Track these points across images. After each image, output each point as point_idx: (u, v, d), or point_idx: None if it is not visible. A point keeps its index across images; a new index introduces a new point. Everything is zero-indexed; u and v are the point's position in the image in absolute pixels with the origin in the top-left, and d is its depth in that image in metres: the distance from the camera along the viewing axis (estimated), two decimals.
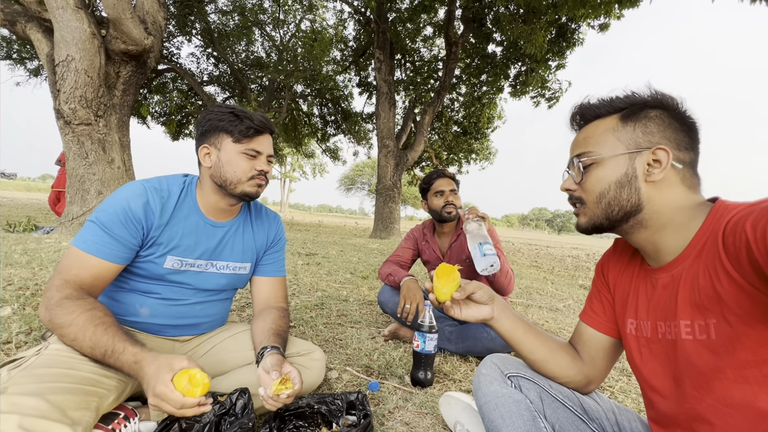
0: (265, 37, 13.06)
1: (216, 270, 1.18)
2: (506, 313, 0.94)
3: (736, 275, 0.57)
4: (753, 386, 0.58)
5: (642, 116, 0.70)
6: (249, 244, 1.25)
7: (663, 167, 0.67)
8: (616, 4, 6.52)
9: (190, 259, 1.12)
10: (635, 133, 0.70)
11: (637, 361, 0.78)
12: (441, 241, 2.04)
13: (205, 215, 1.16)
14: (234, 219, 1.23)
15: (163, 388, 0.78)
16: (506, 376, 0.91)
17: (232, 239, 1.21)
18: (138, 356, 0.85)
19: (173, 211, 1.09)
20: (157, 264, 1.07)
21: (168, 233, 1.08)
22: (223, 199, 1.15)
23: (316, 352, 1.25)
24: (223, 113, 1.09)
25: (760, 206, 0.55)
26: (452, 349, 1.77)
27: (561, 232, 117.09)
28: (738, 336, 0.58)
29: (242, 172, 1.09)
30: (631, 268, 0.82)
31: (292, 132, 15.10)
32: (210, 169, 1.11)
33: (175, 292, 1.13)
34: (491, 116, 12.55)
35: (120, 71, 5.14)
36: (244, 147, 1.09)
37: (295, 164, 45.57)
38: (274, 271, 1.32)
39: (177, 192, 1.12)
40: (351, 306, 2.57)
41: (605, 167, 0.71)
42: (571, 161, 0.78)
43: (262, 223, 1.31)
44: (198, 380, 0.82)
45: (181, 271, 1.12)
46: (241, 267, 1.24)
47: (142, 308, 1.10)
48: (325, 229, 13.64)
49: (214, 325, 1.28)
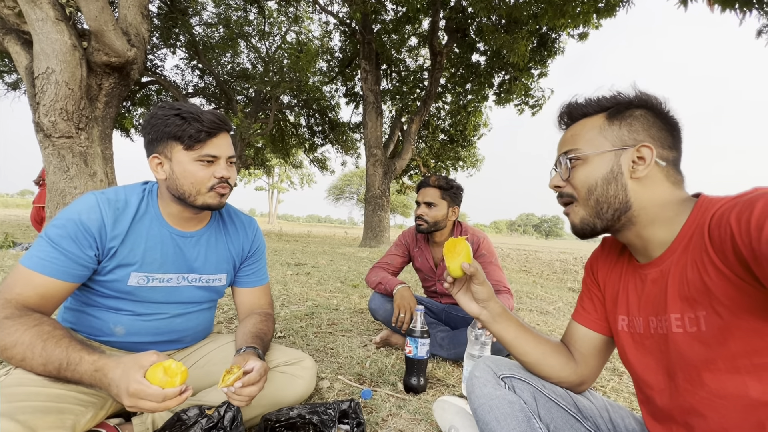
0: (251, 48, 13.08)
1: (188, 283, 1.10)
2: (497, 316, 0.93)
3: (723, 267, 0.58)
4: (744, 376, 0.58)
5: (627, 115, 0.72)
6: (223, 253, 1.16)
7: (647, 164, 0.69)
8: (594, 14, 6.72)
9: (157, 275, 1.04)
10: (621, 131, 0.72)
11: (630, 357, 0.79)
12: (434, 250, 2.01)
13: (171, 225, 1.06)
14: (205, 227, 1.14)
15: (137, 386, 0.73)
16: (500, 377, 0.91)
17: (205, 250, 1.12)
18: (98, 363, 0.78)
19: (131, 224, 1.00)
20: (120, 282, 0.99)
21: (128, 247, 0.99)
22: (185, 210, 1.06)
23: (306, 360, 1.21)
24: (168, 116, 0.96)
25: (743, 199, 0.56)
26: (444, 355, 1.75)
27: (548, 237, 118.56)
28: (728, 327, 0.58)
29: (200, 182, 0.98)
30: (619, 265, 0.83)
31: (279, 143, 15.06)
32: (166, 182, 1.01)
33: (148, 308, 1.06)
34: (477, 124, 12.74)
35: (102, 83, 5.07)
36: (197, 154, 0.97)
37: (282, 175, 45.34)
38: (256, 281, 1.26)
39: (135, 202, 1.02)
40: (342, 315, 2.54)
41: (591, 164, 0.73)
42: (558, 159, 0.79)
43: (237, 230, 1.22)
44: (174, 370, 0.78)
45: (150, 288, 1.04)
46: (216, 278, 1.16)
47: (116, 326, 1.03)
48: (314, 239, 13.54)
49: (199, 337, 1.23)
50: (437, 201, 1.85)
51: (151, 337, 1.08)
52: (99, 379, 0.78)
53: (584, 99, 0.78)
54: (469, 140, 13.20)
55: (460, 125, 12.59)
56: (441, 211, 1.86)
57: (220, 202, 1.03)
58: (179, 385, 0.77)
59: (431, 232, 1.90)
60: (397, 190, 15.11)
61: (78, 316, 1.04)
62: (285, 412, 1.04)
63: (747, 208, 0.53)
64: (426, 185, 1.90)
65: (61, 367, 0.79)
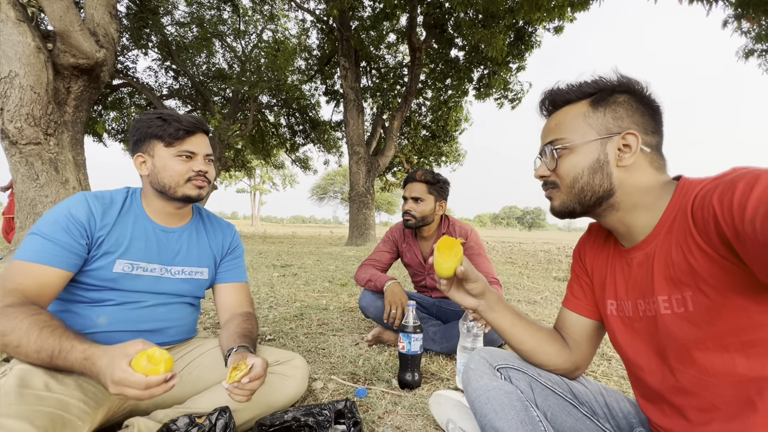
0: (227, 48, 12.80)
1: (172, 275, 1.15)
2: (494, 306, 0.93)
3: (707, 248, 0.58)
4: (732, 353, 0.59)
5: (611, 101, 0.71)
6: (205, 249, 1.24)
7: (633, 152, 0.69)
8: (569, 8, 6.84)
9: (142, 263, 1.09)
10: (605, 118, 0.71)
11: (620, 340, 0.79)
12: (423, 245, 2.00)
13: (154, 221, 1.15)
14: (187, 224, 1.22)
15: (121, 374, 0.75)
16: (495, 368, 0.90)
17: (187, 243, 1.19)
18: (87, 352, 0.81)
19: (118, 217, 1.08)
20: (105, 269, 1.03)
21: (115, 236, 1.05)
22: (167, 204, 1.14)
23: (297, 359, 1.20)
24: (151, 119, 1.08)
25: (724, 179, 0.56)
26: (437, 349, 1.75)
27: (531, 228, 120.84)
28: (715, 306, 0.59)
29: (179, 175, 1.08)
30: (606, 250, 0.84)
31: (259, 143, 14.82)
32: (148, 177, 1.10)
33: (131, 296, 1.08)
34: (458, 119, 12.82)
35: (71, 86, 4.86)
36: (176, 150, 1.08)
37: (264, 176, 44.73)
38: (234, 276, 1.29)
39: (120, 200, 1.11)
40: (331, 314, 2.51)
41: (578, 153, 0.72)
42: (543, 148, 0.78)
43: (216, 230, 1.30)
44: (158, 358, 0.77)
45: (134, 276, 1.08)
46: (198, 272, 1.21)
47: (99, 318, 1.04)
48: (300, 239, 13.41)
49: (182, 332, 1.21)
50: (424, 196, 1.84)
51: (133, 325, 1.09)
52: (88, 368, 0.80)
53: (566, 85, 0.77)
54: (451, 135, 13.28)
55: (441, 120, 12.64)
56: (428, 206, 1.85)
57: (199, 193, 1.12)
58: (164, 373, 0.77)
59: (419, 227, 1.89)
60: (381, 187, 15.10)
61: (63, 311, 1.04)
62: (279, 416, 1.02)
63: (729, 189, 0.53)
64: (412, 180, 1.88)
65: (53, 355, 0.82)
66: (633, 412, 0.86)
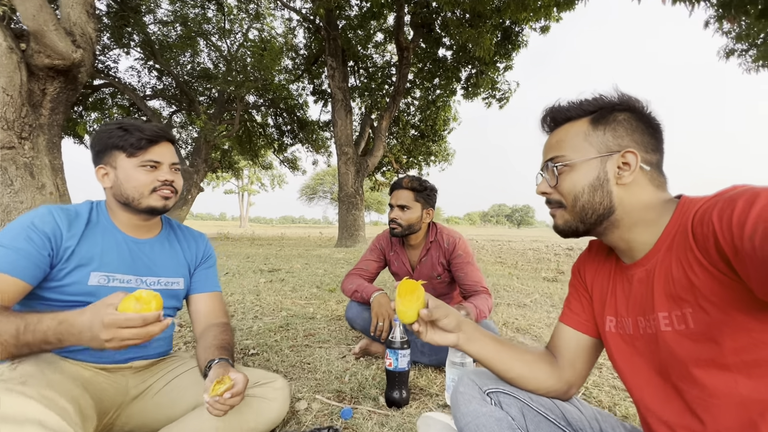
0: (212, 47, 12.56)
1: (148, 286, 1.11)
2: (474, 336, 0.89)
3: (707, 263, 0.58)
4: (734, 373, 0.59)
5: (611, 120, 0.72)
6: (179, 258, 1.21)
7: (632, 170, 0.69)
8: (555, 8, 6.86)
9: (117, 275, 1.06)
10: (605, 136, 0.72)
11: (618, 358, 0.78)
12: (410, 253, 1.95)
13: (125, 233, 1.11)
14: (158, 235, 1.19)
15: (113, 317, 0.72)
16: (485, 392, 0.88)
17: (160, 253, 1.17)
18: (60, 316, 0.78)
19: (85, 229, 1.04)
20: (80, 283, 1.00)
21: (85, 247, 1.02)
22: (133, 216, 1.11)
23: (278, 381, 1.15)
24: (112, 130, 1.05)
25: (724, 197, 0.57)
26: (426, 362, 1.70)
27: (520, 225, 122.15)
28: (716, 324, 0.59)
29: (143, 185, 1.04)
30: (606, 266, 0.83)
31: (247, 144, 14.59)
32: (112, 189, 1.07)
33: None
34: (447, 118, 12.83)
35: (46, 88, 4.68)
36: (140, 160, 1.04)
37: (252, 177, 44.27)
38: (208, 286, 1.26)
39: (85, 212, 1.07)
40: (318, 324, 2.45)
41: (578, 171, 0.73)
42: (545, 164, 0.79)
43: (188, 239, 1.28)
44: (146, 297, 0.75)
45: (111, 288, 1.03)
46: (174, 282, 1.18)
47: None
48: (289, 241, 13.27)
49: (163, 345, 1.17)
50: (411, 203, 1.79)
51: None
52: (66, 331, 0.77)
53: (567, 103, 0.78)
54: (440, 135, 13.28)
55: (430, 120, 12.63)
56: (415, 214, 1.80)
57: (165, 204, 1.08)
58: (156, 310, 0.74)
59: (406, 235, 1.84)
60: (371, 187, 15.03)
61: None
62: None
63: (728, 206, 0.54)
64: (399, 187, 1.83)
65: (18, 332, 0.77)
66: None
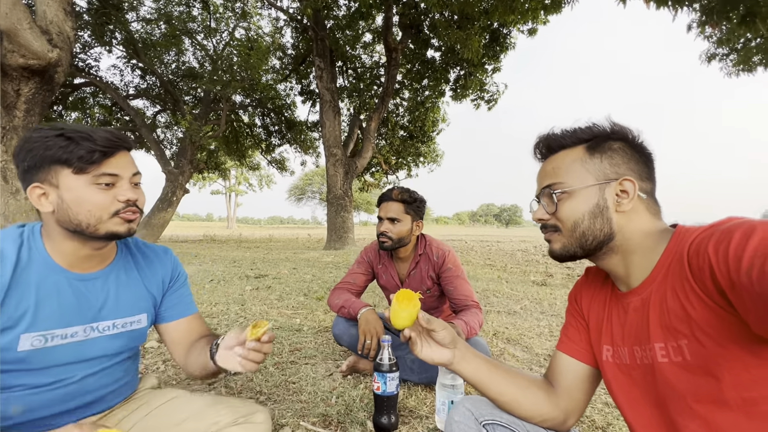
0: (197, 46, 12.31)
1: (99, 333, 0.92)
2: (467, 356, 0.87)
3: (703, 295, 0.58)
4: (735, 412, 0.56)
5: (606, 148, 0.73)
6: (138, 291, 1.00)
7: (630, 197, 0.70)
8: (542, 10, 6.89)
9: (57, 330, 0.85)
10: (602, 164, 0.72)
11: (616, 389, 0.76)
12: (399, 266, 1.90)
13: (66, 269, 0.89)
14: (111, 265, 0.97)
15: None
16: (481, 423, 0.85)
17: (115, 290, 0.95)
18: None
19: (12, 277, 0.82)
20: (7, 349, 0.80)
21: (12, 306, 0.81)
22: (84, 246, 0.88)
23: (259, 414, 1.01)
24: (49, 138, 0.82)
25: (720, 228, 0.56)
26: (415, 380, 1.66)
27: (508, 225, 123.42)
28: (713, 357, 0.57)
29: (99, 209, 0.83)
30: (602, 294, 0.82)
31: (233, 144, 14.36)
32: (54, 214, 0.84)
33: (49, 375, 0.86)
34: (435, 119, 12.83)
35: (20, 89, 4.50)
36: (92, 176, 0.83)
37: (239, 177, 43.73)
38: (182, 310, 1.08)
39: (13, 251, 0.84)
40: (305, 336, 2.38)
41: (577, 198, 0.73)
42: (541, 191, 0.78)
43: (151, 262, 1.05)
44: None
45: (48, 349, 0.85)
46: (134, 321, 0.99)
47: (12, 407, 0.83)
48: (276, 243, 13.12)
49: (123, 392, 1.03)
50: (401, 216, 1.74)
51: (59, 407, 0.88)
52: None
53: (561, 131, 0.78)
54: (429, 136, 13.28)
55: (418, 121, 12.62)
56: (405, 227, 1.75)
57: (129, 228, 0.88)
58: None
59: (396, 248, 1.79)
60: (360, 187, 14.95)
61: None
62: None
63: (725, 238, 0.54)
64: (388, 199, 1.77)
65: None
66: None
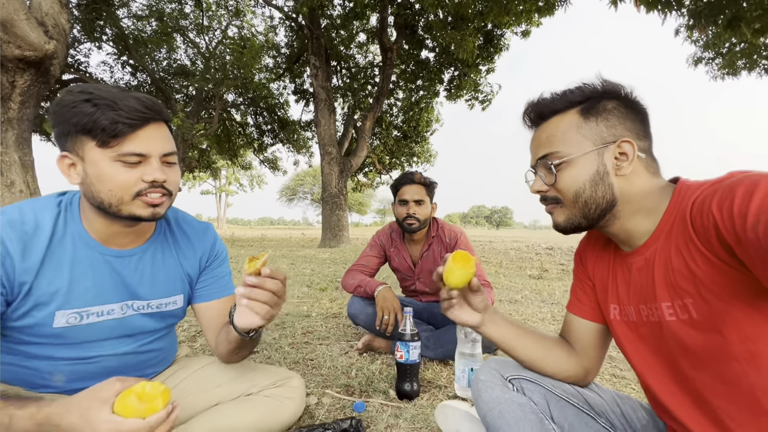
0: (189, 44, 12.22)
1: (135, 311, 0.90)
2: (496, 319, 0.91)
3: (709, 254, 0.58)
4: (742, 363, 0.58)
5: (601, 109, 0.70)
6: (175, 271, 0.96)
7: (630, 160, 0.68)
8: (536, 13, 7.04)
9: (93, 308, 0.83)
10: (598, 127, 0.70)
11: (626, 346, 0.78)
12: (412, 248, 1.95)
13: (101, 244, 0.84)
14: (148, 242, 0.92)
15: (109, 426, 0.59)
16: (507, 379, 0.88)
17: (150, 270, 0.91)
18: (39, 416, 0.62)
19: (47, 251, 0.78)
20: (44, 325, 0.79)
21: (45, 280, 0.78)
22: (113, 223, 0.83)
23: (294, 379, 1.09)
24: (76, 104, 0.73)
25: (722, 185, 0.56)
26: (431, 356, 1.71)
27: (499, 227, 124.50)
28: (718, 313, 0.59)
29: (122, 188, 0.76)
30: (606, 254, 0.83)
31: (225, 143, 14.26)
32: (81, 187, 0.79)
33: (90, 349, 0.85)
34: (429, 120, 12.93)
35: (16, 81, 4.44)
36: (116, 152, 0.75)
37: (230, 177, 43.31)
38: (220, 291, 1.04)
39: (49, 223, 0.80)
40: (315, 321, 2.42)
41: (576, 166, 0.71)
42: (538, 162, 0.76)
43: (190, 241, 1.00)
44: (150, 393, 0.63)
45: (85, 326, 0.83)
46: (169, 302, 0.96)
47: (53, 375, 0.84)
48: (270, 242, 13.05)
49: (163, 366, 1.07)
50: (424, 198, 1.81)
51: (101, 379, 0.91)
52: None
53: (551, 95, 0.75)
54: (422, 136, 13.38)
55: (412, 121, 12.70)
56: (428, 208, 1.83)
57: (154, 212, 0.80)
58: (163, 408, 0.63)
59: (420, 230, 1.84)
60: (353, 188, 14.97)
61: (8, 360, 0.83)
62: None
63: (728, 195, 0.53)
64: (411, 182, 1.82)
65: None
66: (649, 420, 0.85)
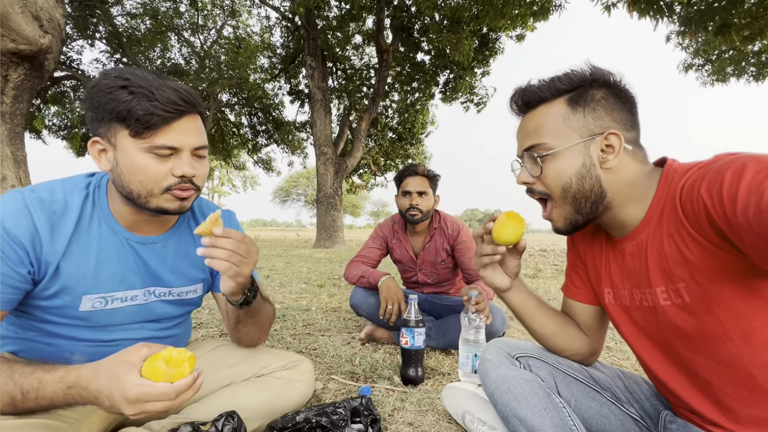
0: (183, 43, 12.14)
1: (157, 298, 0.92)
2: (521, 288, 0.93)
3: (700, 238, 0.59)
4: (736, 342, 0.60)
5: (589, 99, 0.69)
6: (196, 260, 0.97)
7: (616, 153, 0.67)
8: (531, 17, 7.15)
9: (118, 293, 0.85)
10: (585, 119, 0.69)
11: (622, 328, 0.81)
12: (414, 240, 1.97)
13: (126, 230, 0.85)
14: (171, 230, 0.93)
15: (138, 389, 0.60)
16: (514, 357, 0.90)
17: (173, 258, 0.93)
18: (68, 378, 0.63)
19: (74, 232, 0.78)
20: (69, 308, 0.80)
21: (71, 265, 0.78)
22: (139, 212, 0.84)
23: (304, 363, 1.11)
24: (113, 90, 0.73)
25: (710, 168, 0.57)
26: (433, 345, 1.73)
27: None
28: (711, 295, 0.60)
29: (151, 181, 0.76)
30: (597, 239, 0.84)
31: (219, 143, 14.16)
32: (111, 174, 0.79)
33: (112, 333, 0.87)
34: (425, 122, 13.00)
35: (9, 74, 4.39)
36: (148, 144, 0.74)
37: (223, 178, 43.00)
38: None
39: (78, 204, 0.80)
40: (315, 315, 2.42)
41: (562, 159, 0.70)
42: (524, 153, 0.75)
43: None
44: (177, 358, 0.64)
45: (110, 311, 0.84)
46: (190, 291, 0.98)
47: (74, 355, 0.85)
48: (265, 242, 12.98)
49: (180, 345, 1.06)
50: (427, 189, 1.83)
51: None
52: (79, 396, 0.64)
53: (539, 82, 0.74)
54: (417, 138, 13.44)
55: (408, 123, 12.76)
56: (431, 200, 1.85)
57: (181, 206, 0.82)
58: (190, 374, 0.64)
59: (423, 221, 1.86)
60: (347, 189, 14.97)
61: (23, 344, 0.83)
62: (290, 418, 0.95)
63: (716, 179, 0.54)
64: (414, 174, 1.85)
65: (15, 401, 0.64)
66: (654, 394, 0.87)
